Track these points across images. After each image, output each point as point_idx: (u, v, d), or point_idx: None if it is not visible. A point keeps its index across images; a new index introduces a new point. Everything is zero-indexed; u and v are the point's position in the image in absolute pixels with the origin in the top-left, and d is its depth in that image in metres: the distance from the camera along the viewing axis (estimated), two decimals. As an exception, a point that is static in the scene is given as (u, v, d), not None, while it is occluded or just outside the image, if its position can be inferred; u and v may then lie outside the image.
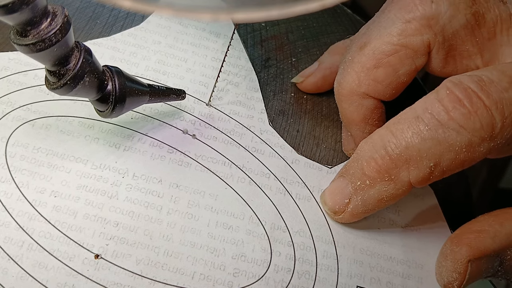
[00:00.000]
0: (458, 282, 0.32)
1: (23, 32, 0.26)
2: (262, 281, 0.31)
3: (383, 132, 0.31)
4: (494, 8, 0.33)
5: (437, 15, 0.33)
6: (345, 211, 0.33)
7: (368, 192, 0.31)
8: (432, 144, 0.29)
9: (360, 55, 0.34)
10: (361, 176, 0.31)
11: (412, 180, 0.30)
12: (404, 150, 0.30)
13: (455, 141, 0.29)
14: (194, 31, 0.41)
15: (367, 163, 0.31)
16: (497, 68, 0.30)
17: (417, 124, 0.30)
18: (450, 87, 0.30)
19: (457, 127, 0.29)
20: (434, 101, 0.30)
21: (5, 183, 0.31)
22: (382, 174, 0.30)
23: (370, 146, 0.31)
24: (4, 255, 0.28)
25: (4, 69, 0.35)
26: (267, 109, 0.39)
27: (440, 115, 0.29)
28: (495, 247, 0.31)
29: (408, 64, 0.34)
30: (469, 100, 0.29)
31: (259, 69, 0.41)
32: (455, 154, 0.29)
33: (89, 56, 0.28)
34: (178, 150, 0.35)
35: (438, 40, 0.33)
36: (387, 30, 0.33)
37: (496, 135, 0.29)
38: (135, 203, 0.32)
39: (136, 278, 0.30)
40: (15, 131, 0.33)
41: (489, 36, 0.33)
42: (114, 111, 0.31)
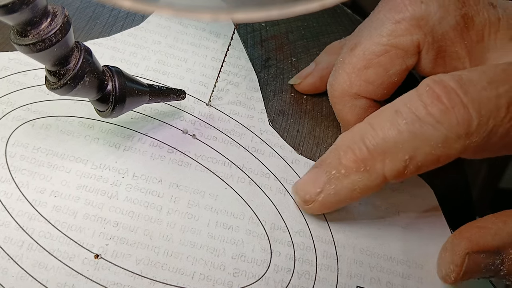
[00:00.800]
0: (454, 274, 0.32)
1: (23, 32, 0.26)
2: (262, 281, 0.31)
3: (363, 125, 0.32)
4: (483, 12, 0.33)
5: (427, 16, 0.33)
6: (316, 201, 0.32)
7: (342, 181, 0.31)
8: (408, 138, 0.30)
9: (350, 56, 0.35)
10: (337, 165, 0.31)
11: (387, 173, 0.31)
12: (381, 141, 0.30)
13: (431, 135, 0.29)
14: (194, 31, 0.41)
15: (345, 153, 0.31)
16: (478, 68, 0.31)
17: (396, 118, 0.30)
18: (430, 84, 0.30)
19: (434, 122, 0.29)
20: (414, 97, 0.30)
21: (5, 183, 0.31)
22: (358, 164, 0.31)
23: (349, 137, 0.32)
24: (4, 255, 0.28)
25: (4, 69, 0.35)
26: (267, 109, 0.39)
27: (418, 110, 0.30)
28: (495, 244, 0.31)
29: (399, 64, 0.34)
30: (447, 97, 0.29)
31: (259, 69, 0.41)
32: (431, 149, 0.30)
33: (89, 56, 0.28)
34: (178, 150, 0.35)
35: (427, 40, 0.33)
36: (377, 30, 0.34)
37: (472, 133, 0.29)
38: (135, 203, 0.32)
39: (136, 278, 0.30)
40: (15, 131, 0.33)
41: (478, 39, 0.33)
42: (114, 111, 0.31)
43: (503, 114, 0.29)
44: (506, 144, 0.31)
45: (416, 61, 0.34)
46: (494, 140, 0.30)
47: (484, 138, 0.30)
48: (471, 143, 0.30)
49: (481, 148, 0.30)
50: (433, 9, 0.33)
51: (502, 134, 0.30)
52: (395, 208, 0.36)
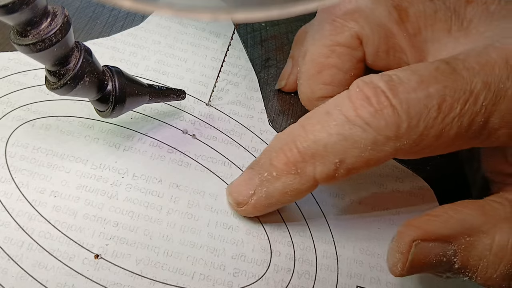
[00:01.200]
0: (401, 264, 0.30)
1: (23, 32, 0.26)
2: (262, 281, 0.31)
3: (295, 126, 0.31)
4: (418, 3, 0.33)
5: (359, 9, 0.33)
6: (248, 203, 0.32)
7: (273, 184, 0.31)
8: (338, 140, 0.29)
9: (304, 64, 0.35)
10: (268, 167, 0.31)
11: (317, 175, 0.30)
12: (312, 144, 0.30)
13: (361, 138, 0.29)
14: (194, 31, 0.41)
15: (276, 154, 0.31)
16: (410, 67, 0.30)
17: (326, 119, 0.30)
18: (360, 86, 0.30)
19: (363, 124, 0.29)
20: (344, 98, 0.30)
21: (5, 183, 0.31)
22: (289, 166, 0.30)
23: (282, 139, 0.31)
24: (4, 255, 0.28)
25: (4, 69, 0.35)
26: (267, 109, 0.39)
27: (348, 112, 0.29)
28: (445, 232, 0.30)
29: (348, 59, 0.34)
30: (377, 98, 0.29)
31: (259, 69, 0.41)
32: (360, 152, 0.29)
33: (89, 56, 0.28)
34: (178, 150, 0.35)
35: (365, 32, 0.33)
36: (319, 33, 0.34)
37: (402, 135, 0.29)
38: (135, 203, 0.32)
39: (136, 278, 0.30)
40: (15, 131, 0.33)
41: (414, 31, 0.33)
42: (114, 111, 0.31)
43: (434, 115, 0.28)
44: (441, 144, 0.30)
45: (363, 52, 0.34)
46: (426, 141, 0.29)
47: (415, 140, 0.29)
48: (401, 145, 0.29)
49: (415, 149, 0.30)
50: (363, 1, 0.33)
51: (435, 135, 0.29)
52: (395, 208, 0.36)
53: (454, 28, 0.32)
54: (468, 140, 0.30)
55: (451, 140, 0.29)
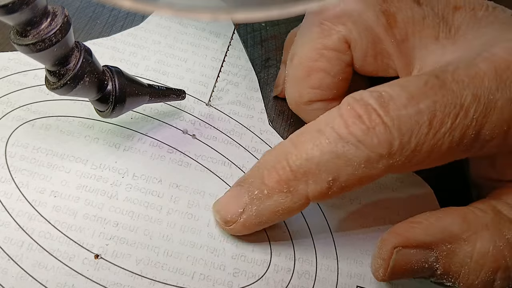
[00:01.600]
0: (382, 269, 0.31)
1: (23, 32, 0.26)
2: (262, 281, 0.31)
3: (286, 143, 0.31)
4: (406, 9, 0.33)
5: (347, 13, 0.33)
6: (237, 222, 0.31)
7: (264, 202, 0.30)
8: (331, 158, 0.29)
9: (291, 68, 0.35)
10: (259, 185, 0.30)
11: (310, 194, 0.30)
12: (304, 162, 0.29)
13: (354, 156, 0.29)
14: (194, 31, 0.41)
15: (268, 172, 0.30)
16: (399, 83, 0.30)
17: (318, 137, 0.29)
18: (351, 103, 0.29)
19: (356, 142, 0.28)
20: (336, 116, 0.29)
21: (5, 183, 0.31)
22: (281, 185, 0.30)
23: (273, 156, 0.31)
24: (4, 255, 0.28)
25: (4, 69, 0.35)
26: (267, 109, 0.39)
27: (340, 130, 0.29)
28: (426, 239, 0.30)
29: (336, 63, 0.34)
30: (368, 117, 0.29)
31: (259, 69, 0.41)
32: (354, 170, 0.29)
33: (89, 56, 0.28)
34: (178, 150, 0.35)
35: (353, 36, 0.33)
36: (307, 36, 0.34)
37: (395, 152, 0.28)
38: (135, 203, 0.32)
39: (136, 278, 0.30)
40: (15, 131, 0.33)
41: (402, 37, 0.33)
42: (114, 111, 0.31)
43: (425, 131, 0.28)
44: (434, 159, 0.30)
45: (352, 56, 0.34)
46: (419, 157, 0.29)
47: (408, 156, 0.29)
48: (394, 162, 0.29)
49: (408, 165, 0.29)
50: (351, 5, 0.33)
51: (427, 151, 0.29)
52: (395, 208, 0.36)
53: (442, 35, 0.32)
54: (460, 153, 0.30)
55: (444, 154, 0.29)
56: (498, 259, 0.30)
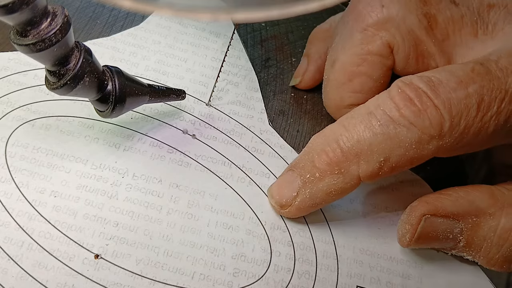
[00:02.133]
0: (409, 234, 0.33)
1: (23, 32, 0.26)
2: (262, 281, 0.31)
3: (336, 126, 0.32)
4: (445, 10, 0.34)
5: (390, 18, 0.34)
6: (292, 205, 0.32)
7: (317, 185, 0.32)
8: (383, 139, 0.30)
9: (333, 73, 0.36)
10: (311, 169, 0.32)
11: (362, 174, 0.31)
12: (356, 143, 0.31)
13: (405, 137, 0.30)
14: (194, 31, 0.41)
15: (318, 156, 0.31)
16: (447, 69, 0.31)
17: (369, 119, 0.31)
18: (402, 86, 0.31)
19: (408, 123, 0.30)
20: (386, 99, 0.31)
21: (5, 183, 0.31)
22: (332, 167, 0.31)
23: (322, 139, 0.32)
24: (4, 255, 0.28)
25: (4, 69, 0.35)
26: (267, 109, 0.39)
27: (392, 112, 0.30)
28: (454, 210, 0.32)
29: (379, 68, 0.35)
30: (419, 99, 0.30)
31: (259, 69, 0.41)
32: (405, 150, 0.30)
33: (89, 56, 0.28)
34: (178, 150, 0.35)
35: (396, 40, 0.34)
36: (349, 42, 0.35)
37: (445, 134, 0.30)
38: (135, 203, 0.32)
39: (136, 278, 0.30)
40: (15, 131, 0.33)
41: (443, 37, 0.34)
42: (114, 111, 0.31)
43: (474, 113, 0.30)
44: (479, 142, 0.31)
45: (393, 60, 0.35)
46: (467, 139, 0.30)
47: (457, 138, 0.30)
48: (444, 143, 0.30)
49: (456, 147, 0.31)
50: (394, 10, 0.34)
51: (475, 133, 0.30)
52: (395, 208, 0.36)
53: (480, 32, 0.34)
54: (503, 137, 0.32)
55: (489, 137, 0.31)
56: None
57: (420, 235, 0.32)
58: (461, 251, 0.33)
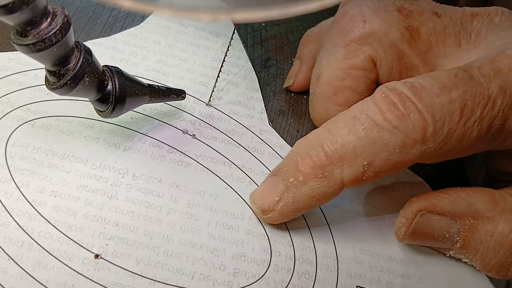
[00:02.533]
0: (404, 228, 0.33)
1: (23, 32, 0.26)
2: (262, 281, 0.31)
3: (320, 131, 0.32)
4: (428, 22, 0.34)
5: (372, 33, 0.34)
6: (274, 210, 0.32)
7: (300, 189, 0.31)
8: (367, 143, 0.30)
9: (318, 86, 0.36)
10: (294, 173, 0.31)
11: (345, 178, 0.31)
12: (340, 147, 0.30)
13: (389, 141, 0.30)
14: (194, 31, 0.41)
15: (302, 159, 0.31)
16: (430, 75, 0.32)
17: (354, 123, 0.31)
18: (385, 91, 0.31)
19: (391, 128, 0.30)
20: (370, 103, 0.31)
21: (5, 183, 0.31)
22: (316, 170, 0.31)
23: (307, 143, 0.32)
24: (4, 255, 0.28)
25: (4, 69, 0.35)
26: (267, 109, 0.39)
27: (376, 116, 0.30)
28: (451, 209, 0.32)
29: (363, 81, 0.35)
30: (403, 104, 0.30)
31: (259, 69, 0.41)
32: (388, 154, 0.30)
33: (89, 56, 0.28)
34: (178, 150, 0.35)
35: (379, 54, 0.35)
36: (333, 57, 0.35)
37: (428, 138, 0.30)
38: (135, 203, 0.32)
39: (136, 278, 0.30)
40: (15, 131, 0.33)
41: (426, 48, 0.34)
42: (114, 111, 0.31)
43: (457, 118, 0.30)
44: (463, 148, 0.31)
45: (377, 73, 0.35)
46: (450, 144, 0.31)
47: (440, 143, 0.30)
48: (427, 148, 0.30)
49: (439, 152, 0.31)
50: (376, 25, 0.34)
51: (458, 138, 0.30)
52: (395, 208, 0.36)
53: (464, 42, 0.34)
54: (486, 143, 0.32)
55: (472, 142, 0.31)
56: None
57: (414, 230, 0.33)
58: (459, 253, 0.33)
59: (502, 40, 0.33)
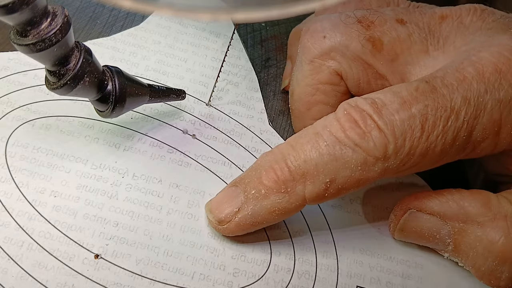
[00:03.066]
0: (393, 224, 0.34)
1: (23, 32, 0.26)
2: (262, 281, 0.31)
3: (284, 146, 0.31)
4: (391, 31, 0.34)
5: (333, 48, 0.34)
6: (232, 221, 0.31)
7: (261, 202, 0.31)
8: (329, 160, 0.30)
9: (293, 103, 0.37)
10: (257, 185, 0.31)
11: (307, 195, 0.30)
12: (302, 163, 0.30)
13: (351, 158, 0.30)
14: (194, 31, 0.41)
15: (266, 173, 0.31)
16: (392, 89, 0.31)
17: (316, 140, 0.30)
18: (347, 108, 0.31)
19: (353, 145, 0.30)
20: (333, 120, 0.31)
21: (5, 183, 0.31)
22: (279, 185, 0.30)
23: (271, 157, 0.31)
24: (4, 255, 0.28)
25: (4, 69, 0.35)
26: (267, 109, 0.39)
27: (337, 133, 0.30)
28: (441, 210, 0.32)
29: (333, 95, 0.35)
30: (364, 121, 0.30)
31: (259, 69, 0.41)
32: (351, 172, 0.30)
33: (89, 56, 0.28)
34: (178, 150, 0.35)
35: (343, 67, 0.34)
36: (300, 74, 0.36)
37: (390, 156, 0.30)
38: (135, 203, 0.32)
39: (136, 278, 0.30)
40: (15, 131, 0.33)
41: (391, 57, 0.34)
42: (114, 111, 0.31)
43: (418, 134, 0.30)
44: (429, 161, 0.31)
45: (346, 86, 0.35)
46: (413, 160, 0.30)
47: (402, 160, 0.30)
48: (390, 165, 0.30)
49: (403, 168, 0.31)
50: (336, 39, 0.34)
51: (421, 154, 0.30)
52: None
53: (431, 48, 0.34)
54: (454, 155, 0.31)
55: (437, 156, 0.31)
56: (507, 251, 0.31)
57: (403, 227, 0.33)
58: (453, 256, 0.33)
59: (468, 45, 0.32)
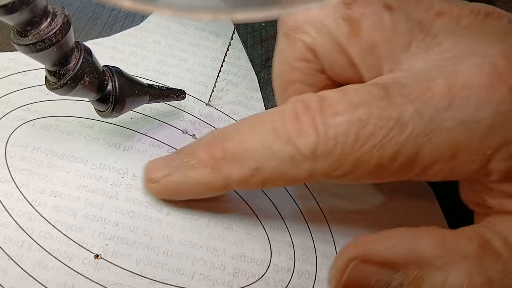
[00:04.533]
0: (335, 280, 0.28)
1: (23, 32, 0.26)
2: (262, 281, 0.31)
3: (230, 126, 0.32)
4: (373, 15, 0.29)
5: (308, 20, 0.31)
6: (159, 181, 0.32)
7: (189, 171, 0.31)
8: (261, 147, 0.29)
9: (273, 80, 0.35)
10: (191, 155, 0.31)
11: (232, 176, 0.30)
12: (236, 144, 0.30)
13: (281, 150, 0.28)
14: (194, 31, 0.41)
15: (203, 145, 0.31)
16: (345, 89, 0.29)
17: (256, 126, 0.30)
18: (295, 102, 0.29)
19: (286, 138, 0.28)
20: (279, 110, 0.30)
21: (5, 183, 0.31)
22: (209, 160, 0.30)
23: (216, 133, 0.32)
24: (4, 255, 0.28)
25: (4, 69, 0.35)
26: (267, 109, 0.39)
27: (277, 124, 0.29)
28: (390, 257, 0.27)
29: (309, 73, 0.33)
30: (305, 117, 0.28)
31: (259, 69, 0.41)
32: (278, 164, 0.29)
33: (89, 56, 0.28)
34: (178, 150, 0.35)
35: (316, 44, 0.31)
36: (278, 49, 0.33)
37: (318, 157, 0.28)
38: (135, 203, 0.32)
39: (136, 278, 0.30)
40: (15, 131, 0.33)
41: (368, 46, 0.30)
42: (114, 111, 0.31)
43: (351, 141, 0.27)
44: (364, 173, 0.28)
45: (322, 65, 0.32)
46: (345, 168, 0.28)
47: (332, 165, 0.28)
48: (318, 167, 0.28)
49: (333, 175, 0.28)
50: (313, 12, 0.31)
51: (353, 162, 0.27)
52: (395, 208, 0.36)
53: (414, 44, 0.29)
54: (399, 173, 0.28)
55: (375, 169, 0.28)
56: None
57: (346, 284, 0.27)
58: None
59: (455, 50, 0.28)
